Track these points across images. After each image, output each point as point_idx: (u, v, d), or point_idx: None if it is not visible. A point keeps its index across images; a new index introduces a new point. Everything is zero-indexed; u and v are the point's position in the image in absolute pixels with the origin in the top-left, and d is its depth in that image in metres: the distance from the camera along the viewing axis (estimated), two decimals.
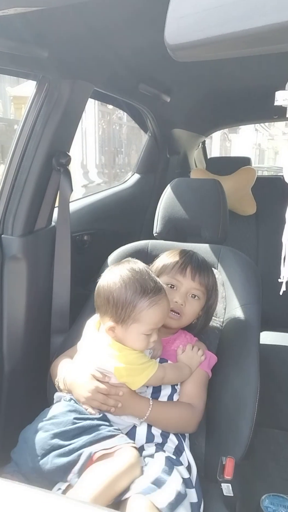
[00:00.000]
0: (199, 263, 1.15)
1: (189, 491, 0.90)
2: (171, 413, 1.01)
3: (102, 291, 0.98)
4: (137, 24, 0.98)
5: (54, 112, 1.23)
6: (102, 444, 0.87)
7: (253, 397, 1.01)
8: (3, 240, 1.25)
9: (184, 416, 1.02)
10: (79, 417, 0.93)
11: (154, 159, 2.15)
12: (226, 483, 0.90)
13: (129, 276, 0.96)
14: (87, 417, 0.94)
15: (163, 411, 1.00)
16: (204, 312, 1.15)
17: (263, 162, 19.09)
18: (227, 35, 0.49)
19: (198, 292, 1.11)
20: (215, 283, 1.16)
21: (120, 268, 0.99)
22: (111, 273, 1.00)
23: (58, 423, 0.92)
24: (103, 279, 1.00)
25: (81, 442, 0.88)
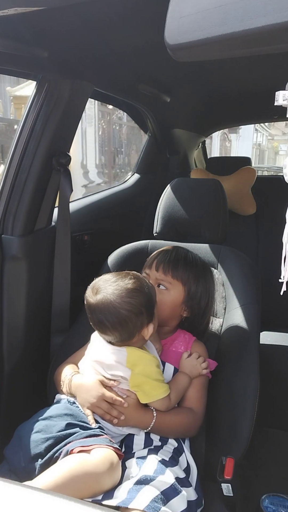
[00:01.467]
0: (169, 256, 1.15)
1: (186, 490, 0.89)
2: (173, 421, 1.01)
3: (130, 306, 0.96)
4: (137, 24, 0.98)
5: (54, 112, 1.23)
6: (81, 441, 0.87)
7: (253, 397, 1.01)
8: (3, 240, 1.25)
9: (186, 422, 1.02)
10: (73, 422, 0.92)
11: (154, 159, 2.15)
12: (226, 483, 0.90)
13: (134, 281, 0.99)
14: (82, 424, 0.93)
15: (166, 420, 0.99)
16: (189, 306, 1.13)
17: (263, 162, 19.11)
18: (227, 35, 0.49)
19: (164, 283, 1.12)
20: (198, 277, 1.15)
21: (117, 286, 0.97)
22: (120, 292, 0.96)
23: (52, 425, 0.91)
24: (120, 301, 0.96)
25: (63, 443, 0.88)
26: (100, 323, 0.97)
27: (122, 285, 0.96)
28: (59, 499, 0.49)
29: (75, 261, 1.43)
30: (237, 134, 15.26)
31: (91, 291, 0.98)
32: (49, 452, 0.88)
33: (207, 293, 1.16)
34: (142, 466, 0.88)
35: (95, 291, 0.97)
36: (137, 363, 0.98)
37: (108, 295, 0.95)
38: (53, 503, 0.48)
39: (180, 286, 1.13)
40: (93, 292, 0.97)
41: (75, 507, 0.48)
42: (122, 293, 0.95)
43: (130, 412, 0.96)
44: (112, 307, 0.94)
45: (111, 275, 1.00)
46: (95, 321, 0.98)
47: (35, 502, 0.49)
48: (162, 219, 1.40)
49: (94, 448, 0.85)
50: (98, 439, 0.89)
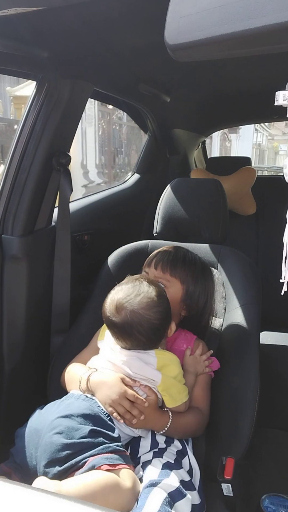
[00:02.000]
0: (168, 255, 1.16)
1: (190, 493, 0.89)
2: (186, 421, 1.01)
3: (161, 314, 0.97)
4: (137, 24, 0.98)
5: (54, 112, 1.23)
6: (107, 457, 0.85)
7: (253, 397, 1.01)
8: (3, 240, 1.25)
9: (196, 421, 1.03)
10: (96, 429, 0.89)
11: (154, 159, 2.15)
12: (226, 483, 0.90)
13: (153, 287, 1.00)
14: (104, 432, 0.90)
15: (180, 421, 1.00)
16: (188, 305, 1.14)
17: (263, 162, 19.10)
18: (227, 35, 0.49)
19: (162, 281, 1.12)
20: (197, 276, 1.15)
21: (142, 298, 0.97)
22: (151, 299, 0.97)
23: (74, 429, 0.88)
24: (151, 310, 0.96)
25: (87, 454, 0.86)
26: (130, 337, 0.97)
27: (145, 295, 0.96)
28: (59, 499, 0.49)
29: (75, 261, 1.43)
30: (237, 134, 15.26)
31: (114, 311, 0.96)
32: (69, 460, 0.85)
33: (206, 292, 1.16)
34: (146, 469, 0.89)
35: (119, 309, 0.96)
36: (167, 364, 1.00)
37: (137, 310, 0.95)
38: (53, 503, 0.48)
39: (179, 284, 1.13)
40: (117, 311, 0.96)
41: (75, 507, 0.48)
42: (150, 304, 0.96)
43: (149, 412, 0.96)
44: (145, 321, 0.95)
45: (125, 286, 0.99)
46: (125, 336, 0.97)
47: (35, 502, 0.49)
48: (162, 219, 1.40)
49: (121, 468, 0.85)
50: (122, 457, 0.88)
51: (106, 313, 0.98)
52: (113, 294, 0.99)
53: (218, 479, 0.91)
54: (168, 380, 0.99)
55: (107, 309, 0.98)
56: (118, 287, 1.01)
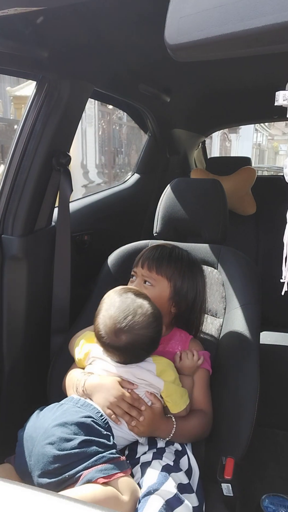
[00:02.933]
0: (154, 253, 1.16)
1: (188, 496, 0.89)
2: (190, 426, 1.01)
3: (158, 326, 0.99)
4: (137, 24, 0.98)
5: (54, 112, 1.23)
6: (102, 469, 0.84)
7: (253, 397, 1.01)
8: (3, 240, 1.25)
9: (202, 424, 1.03)
10: (89, 439, 0.88)
11: (154, 159, 2.15)
12: (226, 483, 0.90)
13: (142, 300, 1.00)
14: (98, 440, 0.89)
15: (185, 427, 1.00)
16: (176, 302, 1.13)
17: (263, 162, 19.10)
18: (227, 35, 0.49)
19: (148, 279, 1.12)
20: (184, 272, 1.14)
21: (139, 318, 0.96)
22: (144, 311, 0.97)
23: (66, 439, 0.86)
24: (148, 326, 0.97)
25: (81, 467, 0.84)
26: (132, 354, 0.97)
27: (141, 313, 0.96)
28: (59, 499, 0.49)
29: (75, 261, 1.43)
30: (237, 134, 15.26)
31: (114, 336, 0.94)
32: (62, 473, 0.84)
33: (194, 288, 1.15)
34: (145, 473, 0.88)
35: (119, 333, 0.94)
36: (165, 370, 1.00)
37: (138, 330, 0.94)
38: (53, 503, 0.48)
39: (165, 282, 1.13)
40: (116, 335, 0.94)
41: (75, 507, 0.48)
42: (148, 322, 0.96)
43: (156, 420, 0.96)
44: (147, 338, 0.96)
45: (115, 303, 0.97)
46: (127, 354, 0.97)
47: (35, 502, 0.49)
48: (162, 219, 1.40)
49: (117, 478, 0.84)
50: (118, 464, 0.86)
51: (102, 336, 0.96)
52: (105, 315, 0.97)
53: (218, 479, 0.91)
54: (169, 386, 0.99)
55: (103, 333, 0.96)
56: (107, 304, 0.98)
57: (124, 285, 1.07)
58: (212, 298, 1.26)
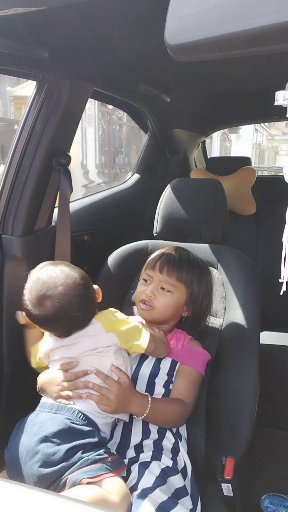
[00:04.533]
0: (173, 257, 1.15)
1: (183, 500, 0.89)
2: (167, 409, 1.01)
3: (84, 286, 0.98)
4: (137, 24, 0.98)
5: (54, 112, 1.23)
6: (87, 470, 0.83)
7: (253, 397, 1.01)
8: (3, 240, 1.25)
9: (178, 411, 1.02)
10: (73, 446, 0.87)
11: (154, 159, 2.15)
12: (226, 483, 0.90)
13: (63, 267, 0.98)
14: (82, 443, 0.87)
15: (161, 408, 1.00)
16: (190, 307, 1.14)
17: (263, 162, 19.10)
18: (227, 35, 0.49)
19: (167, 285, 1.11)
20: (201, 279, 1.15)
21: (64, 282, 0.94)
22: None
23: (50, 454, 0.86)
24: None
25: (67, 473, 0.84)
26: (67, 320, 0.94)
27: (63, 276, 0.94)
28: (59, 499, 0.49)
29: (75, 261, 1.43)
30: (237, 134, 15.26)
31: (38, 305, 0.91)
32: (48, 482, 0.85)
33: (208, 294, 1.16)
34: (144, 475, 0.88)
35: (42, 301, 0.91)
36: (110, 320, 0.99)
37: (61, 292, 0.91)
38: (53, 503, 0.48)
39: (183, 288, 1.12)
40: (40, 303, 0.91)
41: (75, 507, 0.48)
42: (71, 282, 0.93)
43: (127, 395, 0.95)
44: (75, 298, 0.93)
45: (34, 279, 0.94)
46: (61, 321, 0.94)
47: (35, 502, 0.49)
48: (162, 219, 1.40)
49: (103, 479, 0.82)
50: (107, 464, 0.85)
51: (30, 312, 0.93)
52: (27, 290, 0.94)
53: (218, 479, 0.91)
54: (122, 333, 0.98)
55: (30, 307, 0.93)
56: (28, 283, 0.95)
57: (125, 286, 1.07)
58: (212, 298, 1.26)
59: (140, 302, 1.14)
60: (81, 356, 0.97)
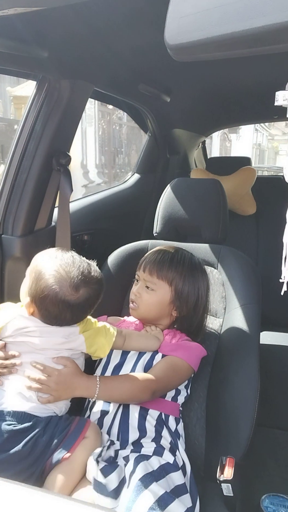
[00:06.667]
0: (156, 257, 1.16)
1: (183, 498, 0.89)
2: (123, 386, 0.99)
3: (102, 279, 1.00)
4: (137, 24, 0.98)
5: (54, 112, 1.23)
6: (62, 446, 0.88)
7: (253, 397, 1.01)
8: (3, 240, 1.25)
9: (138, 385, 0.99)
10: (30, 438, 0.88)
11: (154, 159, 2.15)
12: (226, 483, 0.90)
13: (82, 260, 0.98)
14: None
15: (114, 386, 0.99)
16: (178, 305, 1.13)
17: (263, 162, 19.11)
18: (227, 35, 0.49)
19: (150, 284, 1.13)
20: (185, 276, 1.14)
21: (92, 269, 0.97)
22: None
23: (12, 461, 0.86)
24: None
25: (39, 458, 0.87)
26: (80, 313, 0.95)
27: (94, 269, 0.96)
28: (59, 498, 0.49)
29: None
30: (237, 134, 15.26)
31: (73, 290, 0.90)
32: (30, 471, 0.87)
33: (196, 291, 1.14)
34: (141, 464, 0.88)
35: (78, 287, 0.91)
36: (85, 324, 0.99)
37: (94, 285, 0.94)
38: (53, 503, 0.48)
39: (166, 286, 1.13)
40: (76, 289, 0.91)
41: (75, 507, 0.48)
42: (100, 277, 0.97)
43: (72, 379, 0.94)
44: (99, 294, 0.96)
45: (67, 261, 0.93)
46: (76, 313, 0.94)
47: (35, 502, 0.49)
48: (162, 219, 1.40)
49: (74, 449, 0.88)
50: (73, 434, 0.90)
51: (57, 294, 0.90)
52: (59, 271, 0.91)
53: (218, 479, 0.91)
54: (90, 335, 0.98)
55: (58, 288, 0.89)
56: (53, 263, 0.92)
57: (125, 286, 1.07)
58: (212, 298, 1.26)
59: (130, 302, 1.17)
60: (44, 351, 0.95)
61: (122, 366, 1.09)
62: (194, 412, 1.12)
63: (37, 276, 0.91)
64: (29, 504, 0.48)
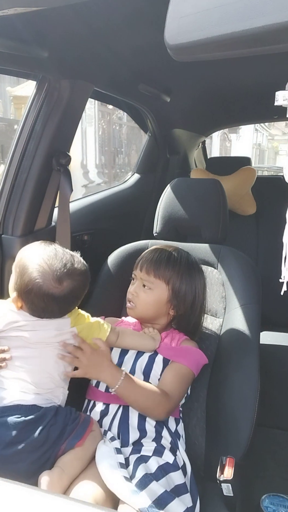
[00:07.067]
0: (152, 256, 1.16)
1: (183, 497, 0.89)
2: (143, 392, 1.00)
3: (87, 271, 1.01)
4: (137, 24, 0.98)
5: (54, 112, 1.23)
6: (73, 436, 0.92)
7: (253, 397, 1.01)
8: (3, 240, 1.25)
9: (156, 399, 1.00)
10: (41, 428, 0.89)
11: (154, 159, 2.15)
12: (226, 483, 0.90)
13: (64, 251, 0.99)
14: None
15: (135, 388, 1.00)
16: (175, 304, 1.13)
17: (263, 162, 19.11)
18: (227, 35, 0.49)
19: (147, 283, 1.13)
20: (182, 275, 1.14)
21: (77, 261, 0.98)
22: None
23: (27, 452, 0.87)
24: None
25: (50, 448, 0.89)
26: (66, 305, 0.96)
27: (78, 260, 0.97)
28: (59, 498, 0.49)
29: None
30: (237, 134, 15.26)
31: (56, 283, 0.90)
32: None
33: (193, 290, 1.14)
34: (141, 466, 0.89)
35: (61, 279, 0.91)
36: (77, 316, 1.00)
37: (78, 276, 0.94)
38: (53, 503, 0.48)
39: (163, 285, 1.13)
40: (60, 282, 0.91)
41: (75, 507, 0.48)
42: (84, 269, 0.97)
43: (101, 361, 0.99)
44: (84, 286, 0.97)
45: (49, 254, 0.94)
46: (62, 306, 0.95)
47: (35, 502, 0.49)
48: (162, 219, 1.40)
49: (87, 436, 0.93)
50: (80, 427, 0.93)
51: (40, 286, 0.89)
52: (41, 264, 0.91)
53: (218, 479, 0.91)
54: (84, 328, 0.99)
55: (41, 281, 0.89)
56: (36, 256, 0.93)
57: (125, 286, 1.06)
58: (212, 298, 1.26)
59: (127, 301, 1.17)
60: (37, 344, 0.95)
61: (120, 367, 1.09)
62: (194, 412, 1.12)
63: (21, 270, 0.93)
64: (29, 504, 0.48)
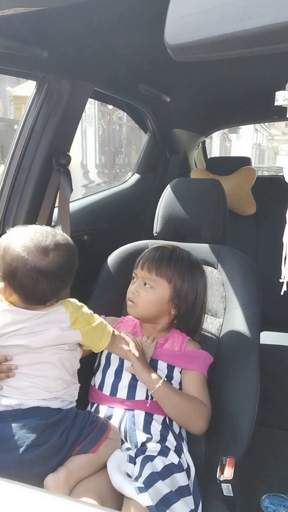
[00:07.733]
0: (154, 255, 1.15)
1: (186, 499, 0.89)
2: (181, 400, 1.01)
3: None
4: (137, 24, 0.98)
5: (54, 112, 1.23)
6: (89, 440, 0.91)
7: (254, 397, 1.01)
8: None
9: (195, 407, 1.01)
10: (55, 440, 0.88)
11: (154, 159, 2.15)
12: (226, 483, 0.90)
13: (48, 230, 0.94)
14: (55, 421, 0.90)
15: (172, 394, 1.01)
16: (177, 303, 1.13)
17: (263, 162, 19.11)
18: (227, 35, 0.49)
19: (148, 281, 1.13)
20: (184, 273, 1.14)
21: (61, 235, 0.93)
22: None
23: (46, 456, 0.87)
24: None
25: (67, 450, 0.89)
26: (56, 280, 0.88)
27: (60, 233, 0.92)
28: (59, 498, 0.49)
29: None
30: (237, 134, 15.26)
31: (42, 254, 0.85)
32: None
33: (194, 289, 1.14)
34: (147, 465, 0.89)
35: (47, 251, 0.85)
36: (78, 317, 0.95)
37: (63, 247, 0.89)
38: (53, 503, 0.48)
39: (165, 283, 1.12)
40: (45, 253, 0.85)
41: (75, 507, 0.48)
42: (69, 241, 0.92)
43: (145, 364, 1.02)
44: (72, 259, 0.91)
45: (29, 233, 0.88)
46: (51, 282, 0.87)
47: (35, 502, 0.49)
48: (162, 219, 1.40)
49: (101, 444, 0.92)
50: (98, 433, 0.93)
51: (26, 261, 0.83)
52: (24, 242, 0.85)
53: (218, 479, 0.91)
54: (88, 332, 0.95)
55: (26, 255, 0.84)
56: (18, 237, 0.87)
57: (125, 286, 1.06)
58: (212, 298, 1.26)
59: (127, 300, 1.17)
60: (42, 349, 0.91)
61: (122, 371, 1.09)
62: None
63: (3, 253, 0.86)
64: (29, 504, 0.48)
